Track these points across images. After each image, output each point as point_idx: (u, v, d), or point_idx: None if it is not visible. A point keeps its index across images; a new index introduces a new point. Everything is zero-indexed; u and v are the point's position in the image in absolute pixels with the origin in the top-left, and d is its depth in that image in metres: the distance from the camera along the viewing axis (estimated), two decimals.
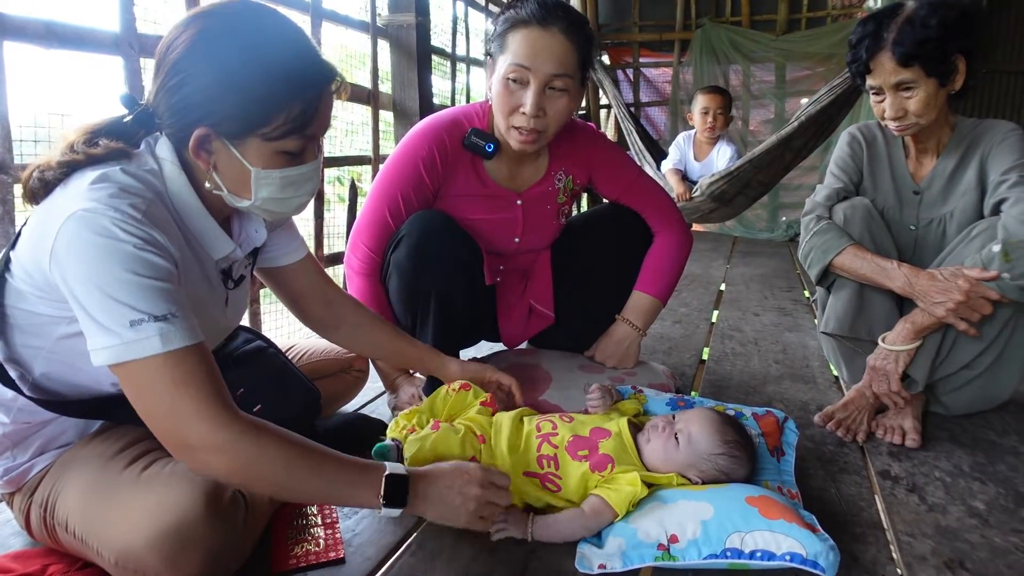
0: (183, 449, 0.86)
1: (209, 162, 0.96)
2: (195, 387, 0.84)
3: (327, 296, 1.32)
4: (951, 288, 1.38)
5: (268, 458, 0.88)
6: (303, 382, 1.30)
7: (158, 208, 0.91)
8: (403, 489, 0.97)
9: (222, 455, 0.85)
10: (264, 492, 0.99)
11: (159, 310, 0.83)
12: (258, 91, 0.91)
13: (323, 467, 0.93)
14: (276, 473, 0.89)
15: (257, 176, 0.97)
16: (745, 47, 5.09)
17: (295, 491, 0.92)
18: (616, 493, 1.09)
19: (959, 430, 1.56)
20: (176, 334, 0.84)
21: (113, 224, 0.83)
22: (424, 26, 3.09)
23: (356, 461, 0.97)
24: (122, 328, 0.82)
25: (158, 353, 0.83)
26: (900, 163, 1.66)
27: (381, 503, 0.95)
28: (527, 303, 1.73)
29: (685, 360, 2.06)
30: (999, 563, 1.08)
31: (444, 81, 3.76)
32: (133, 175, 0.90)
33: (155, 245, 0.86)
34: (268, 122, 0.93)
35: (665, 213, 1.70)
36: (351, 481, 0.95)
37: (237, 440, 0.85)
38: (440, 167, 1.51)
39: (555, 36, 1.37)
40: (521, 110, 1.39)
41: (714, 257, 3.84)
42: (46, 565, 1.00)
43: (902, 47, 1.40)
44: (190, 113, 0.92)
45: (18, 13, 1.46)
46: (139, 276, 0.83)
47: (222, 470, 0.87)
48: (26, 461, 1.03)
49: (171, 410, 0.84)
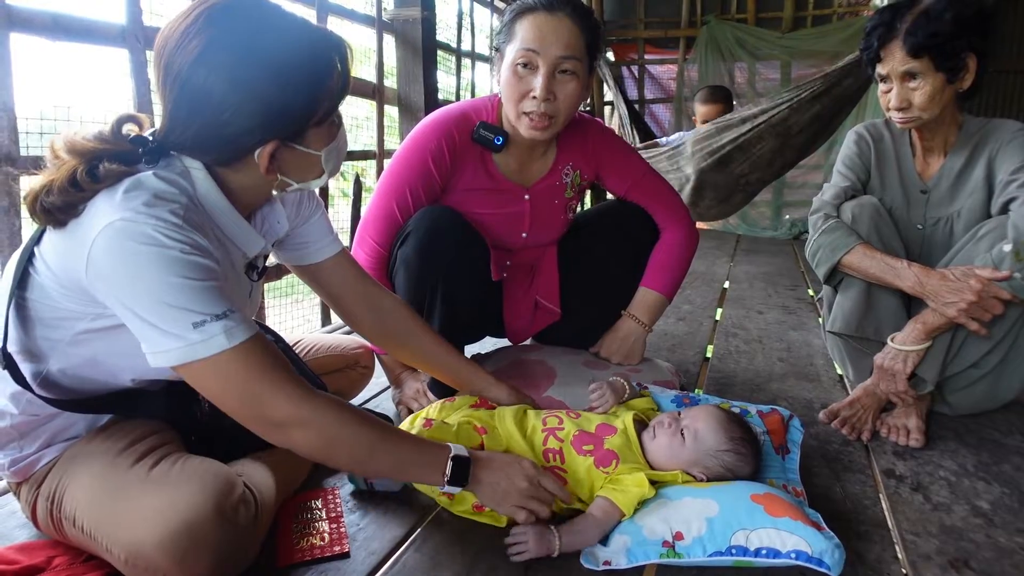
0: (270, 428, 0.91)
1: (275, 170, 0.97)
2: (270, 371, 0.89)
3: (368, 296, 1.31)
4: (963, 288, 1.37)
5: (349, 432, 0.94)
6: (310, 377, 1.29)
7: (193, 211, 0.91)
8: (465, 471, 1.04)
9: (309, 429, 0.91)
10: (341, 465, 1.09)
11: (218, 309, 0.86)
12: (301, 89, 0.92)
13: (396, 444, 1.00)
14: (357, 447, 0.96)
15: (327, 155, 1.02)
16: (750, 44, 5.08)
17: (370, 465, 1.02)
18: (623, 495, 1.08)
19: (964, 430, 1.55)
20: (238, 329, 0.87)
21: (156, 231, 0.83)
22: (429, 21, 3.09)
23: (422, 440, 1.06)
24: (185, 331, 0.84)
25: (227, 349, 0.85)
26: (907, 162, 1.65)
27: (445, 481, 1.03)
28: (533, 299, 1.73)
29: (689, 357, 2.06)
30: (1004, 562, 1.07)
31: (449, 76, 3.76)
32: (166, 180, 0.90)
33: (199, 248, 0.87)
34: (317, 110, 0.95)
35: (672, 209, 1.70)
36: (421, 460, 1.03)
37: (321, 414, 0.91)
38: (448, 161, 1.51)
39: (562, 20, 1.37)
40: (531, 94, 1.39)
41: (718, 255, 3.84)
42: (51, 557, 1.01)
43: (914, 37, 1.41)
44: (251, 139, 0.92)
45: (25, 5, 1.46)
46: (192, 280, 0.84)
47: (309, 443, 0.92)
48: (33, 452, 1.03)
49: (252, 396, 0.88)
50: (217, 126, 0.90)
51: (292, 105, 0.92)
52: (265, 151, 0.94)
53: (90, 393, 1.01)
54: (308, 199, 1.23)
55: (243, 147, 0.93)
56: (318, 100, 0.95)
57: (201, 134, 0.92)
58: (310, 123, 0.96)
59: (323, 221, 1.26)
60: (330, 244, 1.26)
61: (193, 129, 0.91)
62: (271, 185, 1.02)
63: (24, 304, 0.95)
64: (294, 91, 0.91)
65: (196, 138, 0.92)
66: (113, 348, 0.95)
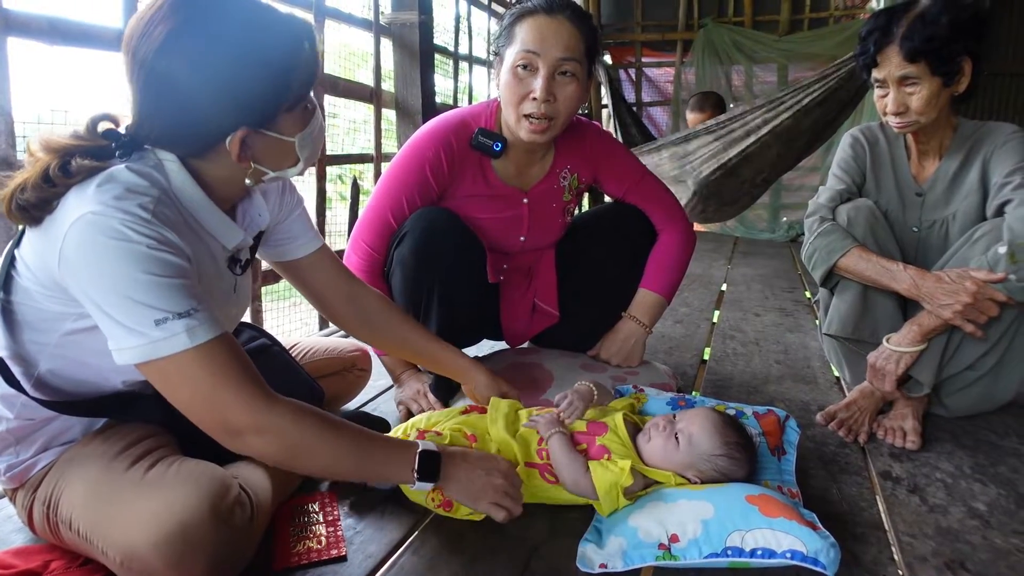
0: (228, 435, 0.89)
1: (248, 158, 0.96)
2: (230, 375, 0.87)
3: (350, 291, 1.31)
4: (958, 290, 1.38)
5: (312, 437, 0.92)
6: (307, 380, 1.30)
7: (165, 205, 0.90)
8: (436, 465, 1.04)
9: (268, 436, 0.89)
10: (309, 471, 1.05)
11: (181, 307, 0.84)
12: (268, 74, 0.91)
13: (363, 444, 0.99)
14: (322, 452, 0.94)
15: (301, 140, 1.00)
16: (747, 47, 5.10)
17: (337, 468, 0.99)
18: (603, 471, 1.11)
19: (960, 431, 1.55)
20: (201, 328, 0.85)
21: (123, 226, 0.83)
22: (427, 24, 3.10)
23: (390, 439, 1.05)
24: (147, 328, 0.83)
25: (188, 348, 0.84)
26: (903, 165, 1.66)
27: (415, 477, 1.02)
28: (531, 301, 1.73)
29: (686, 360, 2.06)
30: (1000, 564, 1.08)
31: (446, 80, 3.76)
32: (138, 172, 0.89)
33: (167, 244, 0.86)
34: (286, 95, 0.95)
35: (669, 211, 1.70)
36: (389, 458, 1.02)
37: (280, 421, 0.89)
38: (447, 170, 1.51)
39: (562, 23, 1.38)
40: (531, 96, 1.39)
41: (715, 257, 3.84)
42: (47, 561, 1.00)
43: (910, 42, 1.41)
44: (220, 126, 0.92)
45: (22, 9, 1.46)
46: (156, 276, 0.83)
47: (270, 451, 0.91)
48: (29, 457, 1.03)
49: (211, 399, 0.86)
50: (184, 114, 0.90)
51: (259, 90, 0.91)
52: (235, 138, 0.92)
53: (83, 395, 1.01)
54: (290, 192, 1.23)
55: (212, 135, 0.93)
56: (287, 85, 0.94)
57: (170, 124, 0.92)
58: (280, 108, 0.95)
59: (304, 216, 1.26)
60: (312, 240, 1.27)
61: (161, 119, 0.91)
62: (245, 174, 0.99)
63: (10, 308, 0.95)
64: (261, 76, 0.91)
65: (165, 128, 0.92)
66: (100, 349, 0.94)
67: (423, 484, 1.04)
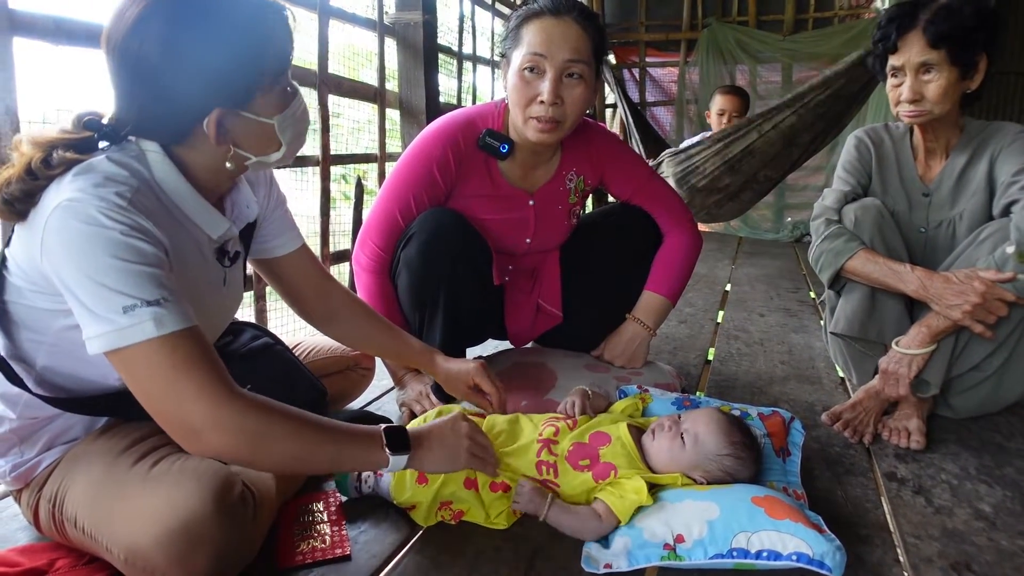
0: (187, 433, 0.85)
1: (227, 141, 0.96)
2: (194, 369, 0.84)
3: (323, 289, 1.32)
4: (967, 290, 1.38)
5: (274, 432, 0.88)
6: (310, 379, 1.30)
7: (145, 195, 0.90)
8: (403, 437, 1.00)
9: (227, 434, 0.85)
10: (272, 467, 0.98)
11: (151, 295, 0.83)
12: (241, 53, 0.91)
13: (328, 432, 0.94)
14: (284, 444, 0.89)
15: (281, 122, 0.99)
16: (752, 47, 5.09)
17: (304, 459, 0.92)
18: (621, 500, 1.08)
19: (966, 433, 1.55)
20: (170, 318, 0.84)
21: (98, 212, 0.83)
22: (431, 24, 3.10)
23: (353, 426, 0.98)
24: (115, 315, 0.82)
25: (153, 337, 0.82)
26: (909, 165, 1.65)
27: (388, 454, 0.97)
28: (535, 302, 1.73)
29: (691, 360, 2.06)
30: (1006, 566, 1.07)
31: (450, 80, 3.77)
32: (118, 163, 0.90)
33: (142, 231, 0.85)
34: (262, 74, 0.94)
35: (675, 214, 1.70)
36: (356, 442, 0.96)
37: (241, 418, 0.85)
38: (454, 169, 1.51)
39: (569, 25, 1.38)
40: (539, 99, 1.39)
41: (720, 257, 3.84)
42: (53, 559, 1.01)
43: (935, 26, 1.43)
44: (194, 107, 0.91)
45: (28, 9, 1.47)
46: (127, 262, 0.83)
47: (229, 449, 0.86)
48: (34, 456, 1.03)
49: (171, 393, 0.84)
50: (158, 97, 0.90)
51: (232, 70, 0.91)
52: (211, 119, 0.92)
53: (86, 393, 1.01)
54: (276, 187, 1.23)
55: (188, 117, 0.92)
56: (260, 64, 0.93)
57: (145, 108, 0.92)
58: (256, 89, 0.94)
59: (289, 214, 1.26)
60: (295, 238, 1.28)
61: (137, 104, 0.91)
62: (226, 158, 0.98)
63: (5, 308, 0.95)
64: (232, 55, 0.90)
65: (142, 114, 0.92)
66: None
67: (398, 459, 0.98)
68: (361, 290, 1.58)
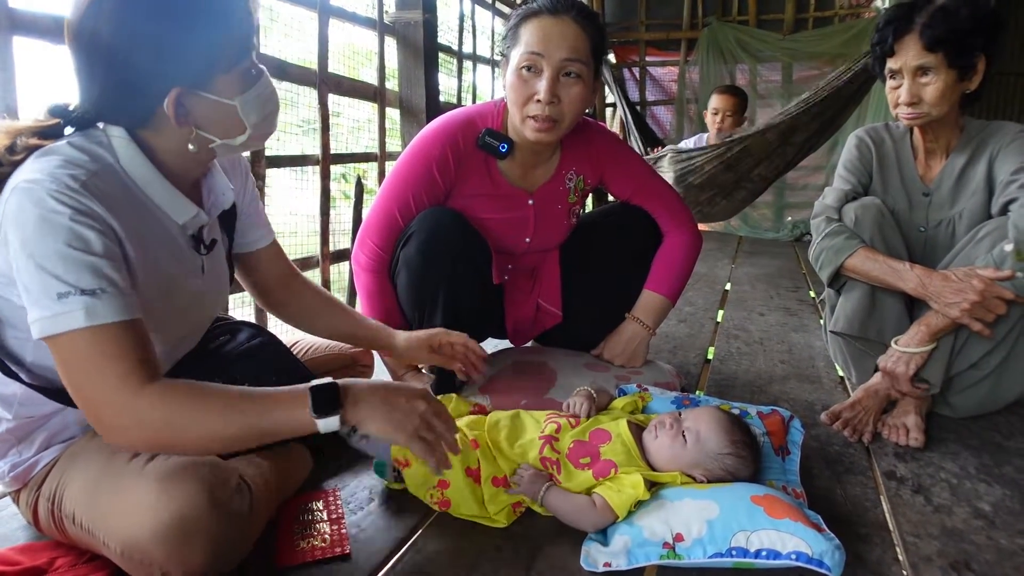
0: (99, 424, 0.87)
1: (189, 123, 0.95)
2: (113, 363, 0.84)
3: (291, 283, 1.34)
4: (965, 288, 1.38)
5: (186, 420, 0.86)
6: (308, 378, 1.29)
7: (104, 179, 0.90)
8: (333, 394, 0.91)
9: (132, 429, 0.86)
10: (192, 452, 0.93)
11: (87, 284, 0.83)
12: (200, 31, 0.90)
13: (241, 403, 0.89)
14: (199, 431, 0.87)
15: (243, 104, 0.97)
16: (752, 46, 5.09)
17: (226, 440, 0.89)
18: (618, 495, 1.09)
19: (965, 432, 1.55)
20: (103, 309, 0.83)
21: (48, 195, 0.83)
22: (431, 23, 3.10)
23: (277, 390, 0.92)
24: (50, 300, 0.82)
25: (82, 327, 0.82)
26: (909, 165, 1.65)
27: (312, 415, 0.89)
28: (535, 301, 1.73)
29: (690, 359, 2.06)
30: (1005, 565, 1.07)
31: (450, 79, 3.77)
32: (79, 147, 0.90)
33: (91, 217, 0.85)
34: (222, 53, 0.93)
35: (676, 213, 1.70)
36: (275, 406, 0.90)
37: (147, 412, 0.85)
38: (453, 168, 1.51)
39: (567, 24, 1.38)
40: (536, 98, 1.39)
41: (720, 257, 3.84)
42: (53, 558, 1.01)
43: (932, 30, 1.43)
44: (151, 86, 0.91)
45: (28, 8, 1.47)
46: (70, 248, 0.83)
47: (135, 444, 0.88)
48: (31, 456, 1.03)
49: (87, 385, 0.85)
50: (115, 76, 0.90)
51: (188, 47, 0.90)
52: (170, 99, 0.91)
53: None
54: (252, 180, 1.23)
55: (147, 98, 0.91)
56: (218, 43, 0.92)
57: (106, 91, 0.91)
58: (215, 68, 0.93)
59: (262, 207, 1.27)
60: (269, 232, 1.29)
61: (98, 86, 0.91)
62: (188, 140, 0.96)
63: None
64: (189, 32, 0.89)
65: (103, 97, 0.92)
66: None
67: (327, 422, 0.90)
68: (360, 289, 1.58)
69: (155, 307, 0.98)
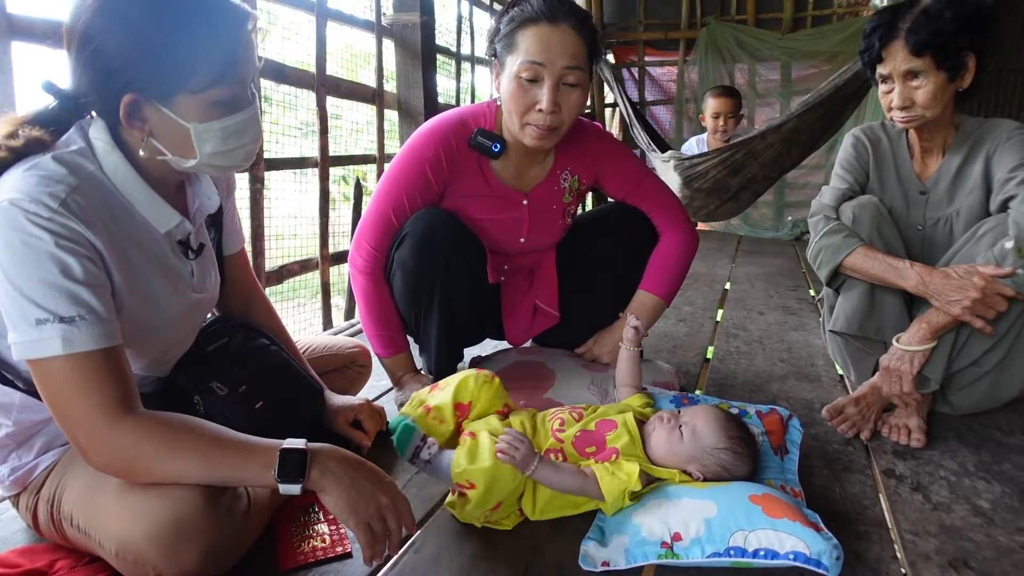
0: (75, 447, 0.89)
1: (144, 130, 0.94)
2: (87, 392, 0.85)
3: (248, 297, 1.34)
4: (966, 286, 1.38)
5: (154, 456, 0.89)
6: (306, 378, 1.30)
7: (86, 194, 0.89)
8: (300, 462, 0.90)
9: (104, 456, 0.88)
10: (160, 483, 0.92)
11: (66, 311, 0.84)
12: (174, 44, 0.89)
13: (210, 451, 0.90)
14: (166, 468, 0.89)
15: (196, 132, 0.95)
16: (751, 46, 5.08)
17: (185, 477, 0.90)
18: (611, 477, 1.09)
19: (965, 429, 1.55)
20: (80, 337, 0.84)
21: (27, 219, 0.83)
22: (429, 25, 3.10)
23: (251, 442, 0.92)
24: (28, 326, 0.83)
25: (59, 355, 0.84)
26: (906, 163, 1.66)
27: (275, 478, 0.89)
28: (532, 302, 1.73)
29: (690, 359, 2.06)
30: (1004, 562, 1.07)
31: (449, 80, 3.77)
32: (61, 161, 0.89)
33: (72, 240, 0.85)
34: (192, 75, 0.91)
35: (672, 213, 1.70)
36: (242, 461, 0.91)
37: (119, 443, 0.87)
38: (446, 168, 1.51)
39: (565, 31, 1.37)
40: (537, 107, 1.39)
41: (719, 256, 3.84)
42: (53, 560, 1.01)
43: (916, 35, 1.42)
44: (112, 82, 0.90)
45: (26, 13, 1.47)
46: (49, 275, 0.84)
47: (106, 470, 0.90)
48: (31, 460, 1.04)
49: (64, 410, 0.87)
50: (84, 62, 0.90)
51: (161, 56, 0.89)
52: (124, 99, 0.90)
53: None
54: (235, 184, 1.24)
55: (108, 92, 0.91)
56: (192, 64, 0.90)
57: (83, 77, 0.92)
58: (179, 86, 0.91)
59: (236, 212, 1.27)
60: (240, 239, 1.30)
61: (78, 73, 0.92)
62: (140, 143, 0.95)
63: None
64: (165, 42, 0.89)
65: (80, 84, 0.92)
66: None
67: (288, 488, 0.90)
68: (357, 293, 1.58)
69: (144, 316, 0.99)
